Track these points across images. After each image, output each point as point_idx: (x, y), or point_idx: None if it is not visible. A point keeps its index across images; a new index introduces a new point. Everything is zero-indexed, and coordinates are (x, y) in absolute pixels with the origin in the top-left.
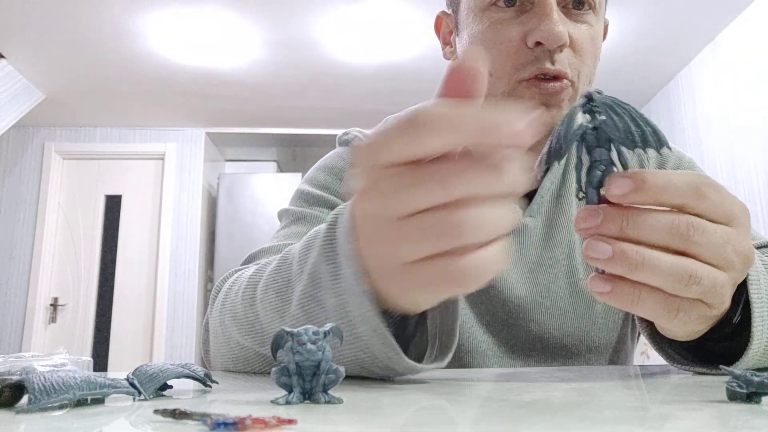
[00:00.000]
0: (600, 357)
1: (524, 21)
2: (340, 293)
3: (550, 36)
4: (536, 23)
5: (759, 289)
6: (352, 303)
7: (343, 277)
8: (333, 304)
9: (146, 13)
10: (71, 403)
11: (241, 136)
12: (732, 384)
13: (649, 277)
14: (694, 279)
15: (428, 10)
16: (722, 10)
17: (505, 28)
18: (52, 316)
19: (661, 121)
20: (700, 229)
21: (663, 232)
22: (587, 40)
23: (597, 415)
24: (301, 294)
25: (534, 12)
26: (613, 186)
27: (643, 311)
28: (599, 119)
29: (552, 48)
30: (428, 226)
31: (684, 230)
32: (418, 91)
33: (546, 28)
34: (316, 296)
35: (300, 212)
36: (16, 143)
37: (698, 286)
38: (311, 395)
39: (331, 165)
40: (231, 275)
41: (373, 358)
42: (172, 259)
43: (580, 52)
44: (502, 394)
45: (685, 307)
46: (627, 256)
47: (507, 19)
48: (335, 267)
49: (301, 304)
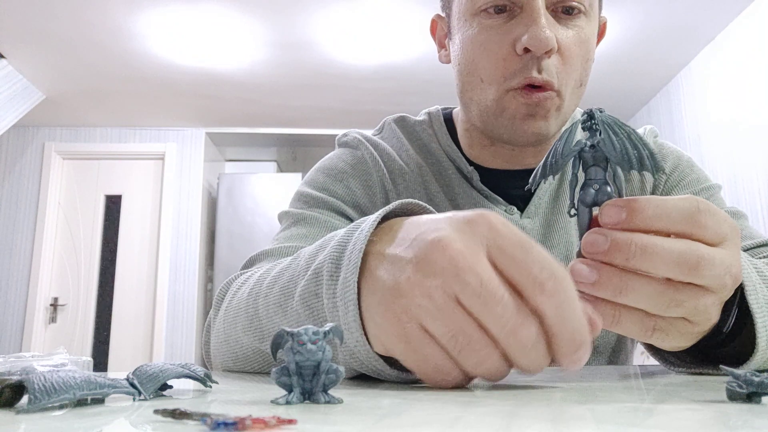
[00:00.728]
0: (599, 357)
1: (513, 27)
2: (333, 296)
3: (537, 42)
4: (524, 29)
5: (758, 298)
6: (342, 308)
7: (339, 281)
8: (326, 304)
9: (146, 13)
10: (71, 403)
11: (241, 136)
12: (732, 384)
13: (633, 301)
14: (675, 302)
15: (428, 10)
16: (722, 10)
17: (495, 34)
18: (52, 316)
19: (661, 121)
20: (709, 263)
21: (671, 264)
22: (576, 45)
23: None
24: (303, 289)
25: (522, 18)
26: (605, 215)
27: (621, 330)
28: (598, 138)
29: (539, 54)
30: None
31: (693, 263)
32: (418, 91)
33: (533, 35)
34: (318, 293)
35: (300, 214)
36: (16, 143)
37: (680, 308)
38: (311, 395)
39: (331, 167)
40: (235, 278)
41: (361, 364)
42: (172, 259)
43: (568, 59)
44: (502, 394)
45: (662, 327)
46: (612, 283)
47: (496, 26)
48: (336, 268)
49: (302, 298)
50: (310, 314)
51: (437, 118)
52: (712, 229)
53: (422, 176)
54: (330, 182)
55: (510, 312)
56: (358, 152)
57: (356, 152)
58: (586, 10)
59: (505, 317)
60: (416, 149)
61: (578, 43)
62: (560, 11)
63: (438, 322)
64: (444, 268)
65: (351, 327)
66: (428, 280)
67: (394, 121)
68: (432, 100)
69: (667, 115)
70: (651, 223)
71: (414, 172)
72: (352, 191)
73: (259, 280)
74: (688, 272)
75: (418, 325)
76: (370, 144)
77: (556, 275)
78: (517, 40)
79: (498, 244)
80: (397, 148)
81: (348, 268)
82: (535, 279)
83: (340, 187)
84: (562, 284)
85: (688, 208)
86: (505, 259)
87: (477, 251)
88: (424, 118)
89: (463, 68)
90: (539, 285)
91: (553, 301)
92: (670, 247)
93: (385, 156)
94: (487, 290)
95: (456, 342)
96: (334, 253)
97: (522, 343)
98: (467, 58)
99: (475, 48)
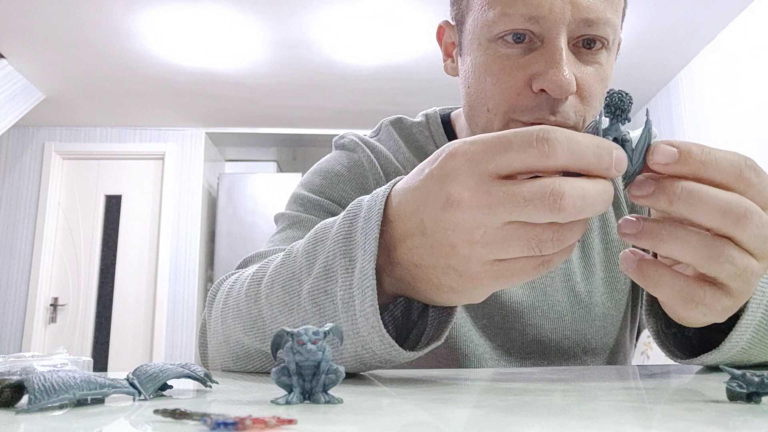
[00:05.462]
0: (597, 359)
1: (531, 62)
2: (349, 287)
3: (557, 87)
4: (543, 68)
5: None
6: (357, 298)
7: (356, 272)
8: (341, 297)
9: (146, 13)
10: (71, 403)
11: (241, 136)
12: (732, 384)
13: (676, 251)
14: (724, 256)
15: (428, 10)
16: (722, 10)
17: (510, 66)
18: (52, 316)
19: (661, 120)
20: (756, 217)
21: (717, 212)
22: (596, 83)
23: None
24: (312, 287)
25: (542, 54)
26: (657, 153)
27: (662, 294)
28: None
29: (557, 98)
30: (526, 237)
31: (740, 214)
32: (418, 91)
33: (553, 79)
34: (328, 290)
35: (296, 216)
36: (16, 143)
37: (732, 266)
38: (311, 395)
39: (328, 169)
40: (227, 278)
41: (372, 354)
42: (172, 259)
43: (587, 98)
44: (502, 394)
45: (708, 302)
46: (653, 230)
47: (513, 56)
48: (350, 261)
49: (311, 296)
50: (317, 311)
51: (434, 120)
52: (757, 188)
53: None
54: (326, 185)
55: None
56: (354, 155)
57: (353, 155)
58: (608, 45)
59: (537, 209)
60: (413, 152)
61: (598, 80)
62: (582, 45)
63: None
64: (464, 219)
65: (367, 313)
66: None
67: (391, 123)
68: (432, 100)
69: (667, 115)
70: (700, 169)
71: None
72: (348, 194)
73: (255, 280)
74: (733, 224)
75: (497, 260)
76: (367, 147)
77: (543, 133)
78: (534, 78)
79: (485, 164)
80: (394, 151)
81: (364, 257)
82: (529, 153)
83: (337, 190)
84: (552, 140)
85: (738, 162)
86: (502, 162)
87: (479, 189)
88: (422, 119)
89: (472, 92)
90: (541, 153)
91: (552, 158)
92: (716, 195)
93: (382, 159)
94: (515, 202)
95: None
96: (342, 246)
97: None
98: (477, 86)
99: (488, 76)
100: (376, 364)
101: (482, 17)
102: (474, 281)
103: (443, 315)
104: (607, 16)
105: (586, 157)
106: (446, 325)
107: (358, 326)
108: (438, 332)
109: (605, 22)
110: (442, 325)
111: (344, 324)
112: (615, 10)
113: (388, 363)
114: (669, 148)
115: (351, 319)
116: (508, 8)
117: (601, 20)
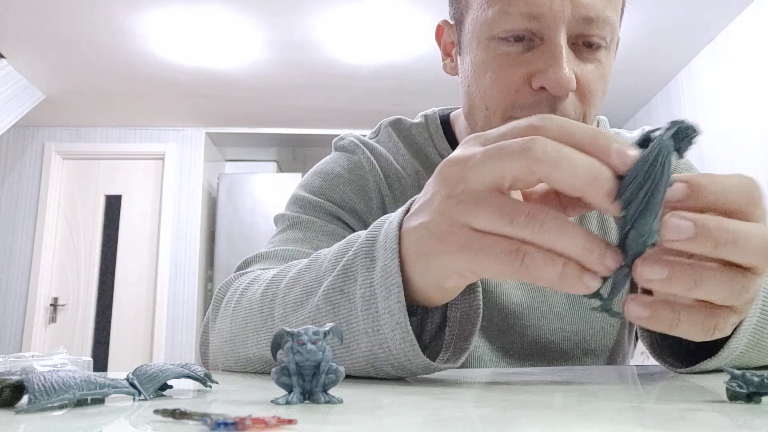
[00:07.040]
0: (597, 360)
1: (531, 60)
2: (371, 284)
3: (557, 84)
4: (543, 65)
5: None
6: (381, 295)
7: (377, 270)
8: (361, 295)
9: (146, 13)
10: (71, 403)
11: (241, 136)
12: (732, 384)
13: (706, 294)
14: (745, 288)
15: (428, 10)
16: (722, 10)
17: (510, 63)
18: (52, 316)
19: (661, 121)
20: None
21: (760, 250)
22: (596, 80)
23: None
24: (328, 287)
25: (542, 52)
26: (671, 191)
27: (682, 333)
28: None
29: (557, 96)
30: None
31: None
32: (418, 91)
33: (553, 76)
34: (345, 289)
35: (296, 218)
36: (16, 143)
37: (747, 294)
38: (311, 395)
39: (327, 171)
40: (235, 279)
41: (389, 354)
42: (172, 259)
43: (587, 95)
44: (501, 394)
45: (722, 326)
46: (686, 275)
47: (513, 54)
48: (371, 260)
49: (326, 295)
50: (331, 310)
51: (434, 121)
52: (761, 206)
53: (418, 180)
54: (326, 187)
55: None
56: (354, 156)
57: (353, 156)
58: (607, 43)
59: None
60: (412, 153)
61: (598, 78)
62: (581, 44)
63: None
64: (451, 173)
65: (392, 309)
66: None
67: (390, 125)
68: (432, 100)
69: (667, 115)
70: (714, 200)
71: (410, 177)
72: (348, 196)
73: (274, 282)
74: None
75: (467, 227)
76: (367, 148)
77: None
78: (534, 75)
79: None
80: (394, 152)
81: (386, 255)
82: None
83: (336, 192)
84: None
85: (745, 185)
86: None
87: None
88: (421, 120)
89: (471, 91)
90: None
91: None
92: (752, 231)
93: (382, 160)
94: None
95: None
96: (364, 248)
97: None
98: (477, 84)
99: (487, 74)
100: (386, 368)
101: (482, 15)
102: (441, 243)
103: (460, 340)
104: (607, 14)
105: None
106: (463, 352)
107: (381, 323)
108: (454, 356)
109: (605, 20)
110: (457, 353)
111: (362, 323)
112: (614, 9)
113: (401, 368)
114: (679, 184)
115: (372, 316)
116: (508, 6)
117: (600, 18)
